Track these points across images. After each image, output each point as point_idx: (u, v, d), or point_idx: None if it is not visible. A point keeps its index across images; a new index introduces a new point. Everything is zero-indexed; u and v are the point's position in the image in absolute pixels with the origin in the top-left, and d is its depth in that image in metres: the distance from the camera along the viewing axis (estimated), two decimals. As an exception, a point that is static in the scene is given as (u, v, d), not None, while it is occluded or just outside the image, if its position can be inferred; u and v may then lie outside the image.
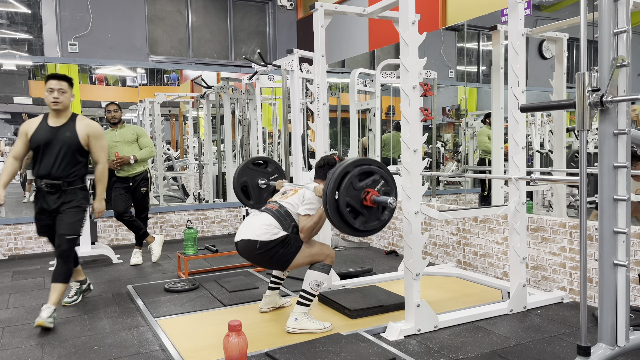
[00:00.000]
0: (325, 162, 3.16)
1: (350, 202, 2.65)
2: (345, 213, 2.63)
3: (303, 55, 5.25)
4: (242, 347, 2.35)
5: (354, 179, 2.65)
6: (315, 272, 2.97)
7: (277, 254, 2.91)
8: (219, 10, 8.88)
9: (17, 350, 2.85)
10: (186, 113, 8.57)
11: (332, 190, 2.61)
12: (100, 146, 3.45)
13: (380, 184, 2.73)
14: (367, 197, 2.68)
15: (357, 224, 2.69)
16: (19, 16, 7.90)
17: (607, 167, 2.06)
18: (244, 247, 2.96)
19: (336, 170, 2.65)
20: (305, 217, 2.97)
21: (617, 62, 2.01)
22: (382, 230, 4.36)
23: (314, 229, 2.97)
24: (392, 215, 2.79)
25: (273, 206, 3.05)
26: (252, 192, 3.78)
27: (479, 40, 6.08)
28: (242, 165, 3.80)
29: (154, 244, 4.99)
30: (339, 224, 2.66)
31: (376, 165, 2.77)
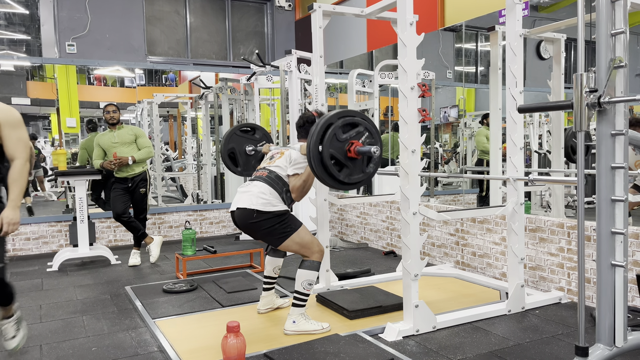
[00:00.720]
0: (305, 120, 3.13)
1: (334, 154, 2.62)
2: (329, 165, 2.60)
3: (301, 56, 5.25)
4: (241, 348, 2.35)
5: (337, 130, 2.62)
6: (304, 271, 2.95)
7: (272, 228, 2.90)
8: (217, 10, 8.87)
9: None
10: (184, 114, 8.56)
11: (315, 143, 2.57)
12: (17, 138, 2.62)
13: (365, 135, 2.69)
14: (351, 149, 2.65)
15: (342, 176, 2.65)
16: (16, 17, 7.89)
17: (604, 167, 2.06)
18: (240, 216, 2.94)
19: (319, 123, 2.62)
20: (294, 176, 2.97)
21: (614, 63, 2.01)
22: (379, 227, 4.36)
23: (304, 188, 2.96)
24: (377, 169, 2.76)
25: (263, 173, 3.04)
26: (240, 159, 3.77)
27: (477, 41, 6.08)
28: (229, 132, 3.79)
29: (153, 245, 4.99)
30: (322, 176, 2.63)
31: (360, 117, 2.74)
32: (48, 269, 4.84)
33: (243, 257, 5.07)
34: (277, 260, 3.30)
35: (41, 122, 9.46)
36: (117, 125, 4.86)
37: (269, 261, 3.30)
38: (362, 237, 5.69)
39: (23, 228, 5.49)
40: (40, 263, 5.09)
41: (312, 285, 2.97)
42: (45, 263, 5.04)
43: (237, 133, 3.78)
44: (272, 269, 3.30)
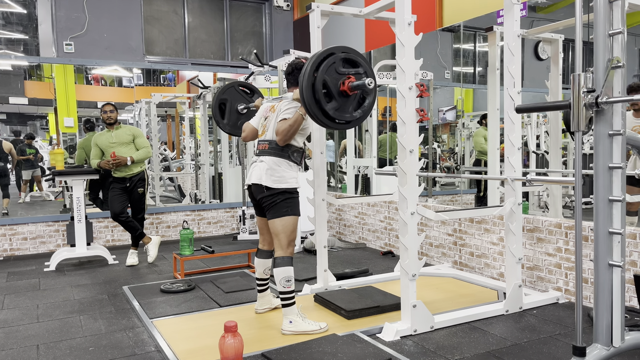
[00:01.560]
0: (294, 67, 3.10)
1: (327, 83, 2.59)
2: (319, 91, 2.57)
3: (299, 55, 5.24)
4: (238, 348, 2.35)
5: (338, 61, 2.60)
6: (279, 269, 2.96)
7: (275, 203, 2.97)
8: (215, 10, 8.87)
9: (12, 351, 2.84)
10: (182, 113, 8.55)
11: (313, 64, 2.53)
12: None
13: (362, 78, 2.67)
14: (345, 82, 2.62)
15: (328, 107, 2.63)
16: (14, 16, 7.87)
17: (602, 168, 2.07)
18: (255, 189, 3.05)
19: (322, 49, 2.60)
20: (282, 121, 2.96)
21: (612, 63, 2.01)
22: (377, 227, 4.36)
23: (289, 132, 2.94)
24: (364, 116, 2.75)
25: (264, 146, 3.06)
26: (229, 114, 3.76)
27: (475, 41, 6.09)
28: (229, 84, 3.79)
29: (151, 245, 4.98)
30: (309, 101, 2.60)
31: (363, 60, 2.72)
32: (45, 268, 4.83)
33: (241, 257, 5.07)
34: (265, 261, 3.29)
35: (39, 121, 9.45)
36: (115, 125, 4.85)
37: (258, 263, 3.29)
38: (360, 237, 5.69)
39: (20, 228, 5.48)
40: (38, 263, 5.08)
41: (291, 282, 2.97)
42: (43, 263, 5.03)
43: (236, 88, 3.77)
44: (262, 271, 3.29)
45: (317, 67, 2.55)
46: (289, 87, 3.15)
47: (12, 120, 9.65)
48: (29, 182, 8.86)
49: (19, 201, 8.40)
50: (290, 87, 3.14)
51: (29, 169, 8.85)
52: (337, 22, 7.23)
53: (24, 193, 8.51)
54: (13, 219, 5.54)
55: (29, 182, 8.86)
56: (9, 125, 9.90)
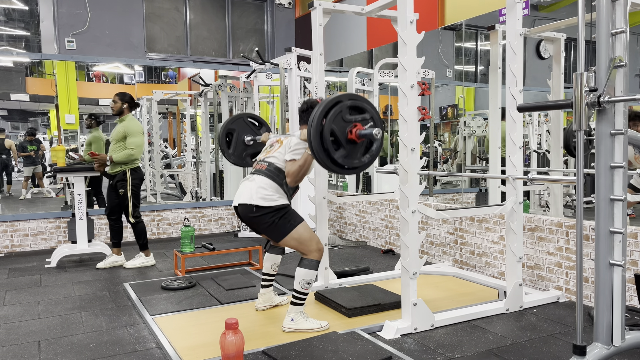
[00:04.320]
0: (309, 106, 3.09)
1: (335, 131, 2.60)
2: (327, 140, 2.57)
3: (301, 53, 5.25)
4: (239, 345, 2.35)
5: (344, 109, 2.60)
6: (303, 270, 2.93)
7: (273, 224, 2.90)
8: (216, 8, 8.86)
9: (13, 347, 2.85)
10: (184, 111, 8.56)
11: (320, 114, 2.55)
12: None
13: (369, 124, 2.68)
14: (352, 130, 2.63)
15: (337, 155, 2.63)
16: (16, 12, 7.88)
17: (603, 167, 2.07)
18: (242, 210, 2.96)
19: (329, 98, 2.61)
20: (291, 162, 2.95)
21: (614, 63, 2.01)
22: (378, 225, 4.37)
23: (299, 173, 2.94)
24: (372, 161, 2.75)
25: (262, 166, 3.03)
26: (235, 144, 3.73)
27: (477, 39, 6.08)
28: (237, 115, 3.77)
29: (141, 258, 4.80)
30: (318, 150, 2.60)
31: (369, 106, 2.73)
32: (46, 265, 4.84)
33: (242, 255, 5.08)
34: (275, 257, 3.30)
35: (40, 118, 9.46)
36: (119, 117, 4.74)
37: (268, 258, 3.30)
38: (361, 235, 5.69)
39: (21, 224, 5.49)
40: (39, 259, 5.09)
41: (311, 285, 2.96)
42: (44, 259, 5.04)
43: (245, 120, 3.76)
44: (270, 266, 3.30)
45: (325, 115, 2.57)
46: (301, 124, 3.13)
47: (13, 117, 9.65)
48: (30, 178, 8.87)
49: (20, 197, 8.41)
50: (302, 125, 3.12)
51: (30, 166, 8.87)
52: (339, 20, 7.22)
53: (25, 190, 8.52)
54: (14, 215, 5.54)
55: (30, 179, 8.87)
56: (10, 121, 9.91)
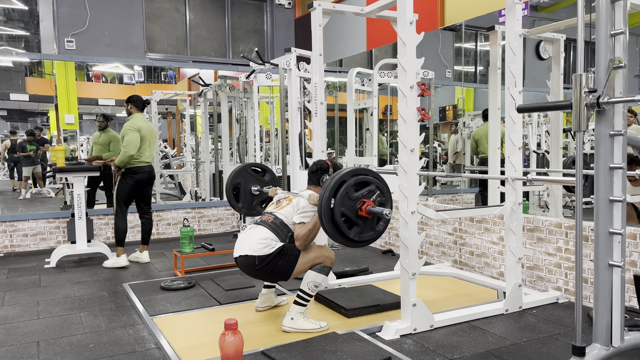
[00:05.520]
0: (318, 168, 3.14)
1: (346, 212, 2.64)
2: (340, 223, 2.62)
3: (301, 54, 5.24)
4: (238, 345, 2.35)
5: (349, 188, 2.65)
6: (313, 272, 2.96)
7: (277, 266, 2.91)
8: (216, 8, 8.86)
9: (12, 347, 2.85)
10: (183, 111, 8.55)
11: (327, 200, 2.60)
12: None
13: (376, 194, 2.72)
14: (362, 208, 2.67)
15: (352, 234, 2.68)
16: (15, 12, 7.87)
17: (603, 168, 2.07)
18: (243, 262, 2.97)
19: (332, 179, 2.64)
20: (300, 225, 2.96)
21: (614, 64, 2.01)
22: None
23: (309, 237, 2.96)
24: (387, 226, 2.78)
25: (268, 218, 3.04)
26: (243, 196, 3.77)
27: (477, 40, 6.09)
28: (240, 168, 3.79)
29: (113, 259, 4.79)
30: (333, 234, 2.65)
31: (372, 176, 2.76)
32: (46, 265, 4.84)
33: (241, 255, 5.07)
34: None
35: (39, 118, 9.45)
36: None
37: None
38: (360, 235, 5.68)
39: (21, 224, 5.48)
40: (38, 259, 5.09)
41: (318, 288, 2.98)
42: (43, 259, 5.03)
43: (248, 170, 3.78)
44: None
45: (333, 196, 2.60)
46: (309, 185, 3.16)
47: (12, 117, 9.66)
48: (29, 178, 8.87)
49: (19, 197, 8.41)
50: (311, 185, 3.15)
51: (30, 166, 8.86)
52: (339, 20, 7.22)
53: (24, 190, 8.52)
54: (14, 215, 5.54)
55: (29, 179, 8.87)
56: (9, 121, 9.91)
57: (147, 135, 4.80)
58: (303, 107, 5.48)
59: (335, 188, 2.62)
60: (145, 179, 4.83)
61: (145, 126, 4.81)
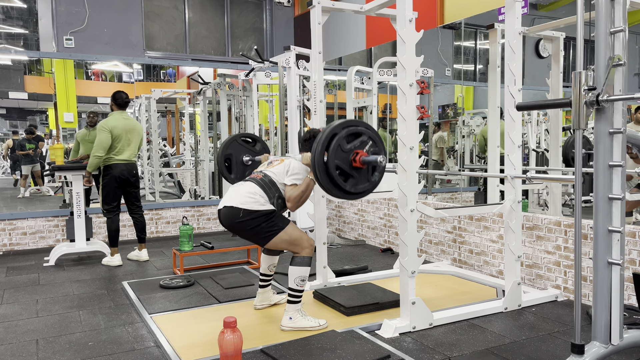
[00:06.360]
0: (311, 135, 3.09)
1: (340, 165, 2.62)
2: (335, 176, 2.60)
3: (300, 52, 5.24)
4: (237, 343, 2.35)
5: (341, 140, 2.62)
6: (296, 267, 2.94)
7: (259, 227, 2.87)
8: (215, 6, 8.85)
9: (11, 345, 2.85)
10: (182, 109, 8.54)
11: (320, 153, 2.57)
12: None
13: (369, 144, 2.70)
14: (356, 159, 2.65)
15: (348, 186, 2.66)
16: (14, 10, 7.86)
17: (602, 166, 2.07)
18: (226, 214, 2.89)
19: (324, 133, 2.61)
20: (292, 186, 2.93)
21: (613, 62, 2.01)
22: (377, 224, 4.34)
23: (301, 198, 2.93)
24: (382, 177, 2.77)
25: (257, 175, 3.01)
26: (235, 167, 3.74)
27: (476, 38, 6.08)
28: (230, 138, 3.76)
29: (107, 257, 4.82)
30: (328, 187, 2.63)
31: (364, 127, 2.74)
32: (45, 263, 4.83)
33: (240, 253, 5.07)
34: (272, 258, 3.30)
35: (38, 116, 9.44)
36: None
37: (265, 259, 3.30)
38: (360, 234, 5.69)
39: (20, 223, 5.48)
40: (37, 258, 5.09)
41: (305, 281, 2.96)
42: (42, 258, 5.03)
43: (238, 141, 3.76)
44: (267, 267, 3.30)
45: (326, 150, 2.58)
46: (302, 152, 3.13)
47: (11, 115, 9.65)
48: (27, 177, 8.86)
49: (18, 196, 8.40)
50: (303, 152, 3.12)
51: (29, 164, 8.85)
52: (338, 18, 7.21)
53: (23, 188, 8.51)
54: (12, 213, 5.53)
55: (27, 177, 8.86)
56: (8, 120, 9.90)
57: (123, 134, 4.68)
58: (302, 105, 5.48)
59: (328, 141, 2.60)
60: (124, 177, 4.70)
61: (121, 124, 4.69)
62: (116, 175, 4.68)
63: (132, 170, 4.79)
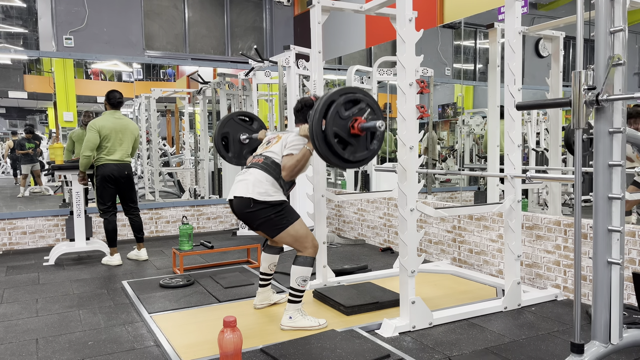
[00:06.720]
0: (303, 105, 3.07)
1: (338, 132, 2.60)
2: (333, 143, 2.58)
3: (300, 51, 5.24)
4: (237, 343, 2.35)
5: (339, 107, 2.60)
6: (298, 267, 2.94)
7: (269, 219, 2.89)
8: (215, 5, 8.85)
9: (11, 345, 2.85)
10: (182, 109, 8.54)
11: (318, 121, 2.54)
12: None
13: (367, 112, 2.67)
14: (354, 125, 2.63)
15: (346, 154, 2.64)
16: (14, 10, 7.86)
17: (602, 165, 2.07)
18: (238, 204, 2.93)
19: (321, 101, 2.59)
20: (288, 156, 2.93)
21: (613, 61, 2.01)
22: (376, 223, 4.34)
23: (296, 167, 2.92)
24: (380, 145, 2.75)
25: (259, 160, 3.02)
26: (232, 146, 3.73)
27: (476, 38, 6.08)
28: (227, 117, 3.76)
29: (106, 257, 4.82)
30: (327, 155, 2.61)
31: (362, 94, 2.72)
32: (44, 263, 4.83)
33: (240, 253, 5.07)
34: (272, 257, 3.30)
35: (38, 116, 9.44)
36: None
37: (265, 258, 3.30)
38: (360, 233, 5.69)
39: (19, 222, 5.48)
40: (37, 257, 5.09)
41: (307, 282, 2.96)
42: (42, 257, 5.03)
43: (235, 119, 3.75)
44: (267, 266, 3.30)
45: (324, 117, 2.56)
46: (297, 123, 3.13)
47: (11, 115, 9.65)
48: (26, 176, 8.86)
49: (18, 195, 8.40)
50: (298, 123, 3.11)
51: (28, 164, 8.86)
52: (338, 17, 7.21)
53: (23, 187, 8.51)
54: (12, 213, 5.53)
55: (27, 176, 8.86)
56: (8, 119, 9.91)
57: (113, 133, 4.62)
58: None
59: (325, 108, 2.57)
60: (115, 177, 4.65)
61: (110, 124, 4.64)
62: (106, 175, 4.63)
63: (124, 170, 4.71)
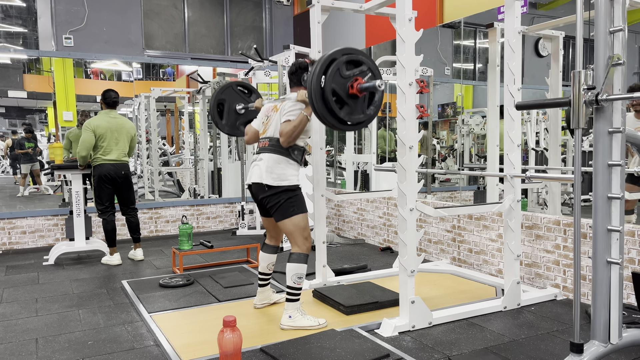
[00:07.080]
0: (297, 67, 3.07)
1: (337, 90, 2.59)
2: (330, 101, 2.57)
3: (299, 51, 5.24)
4: (237, 342, 2.35)
5: (341, 66, 2.60)
6: (293, 264, 2.97)
7: (280, 203, 2.96)
8: (215, 5, 8.85)
9: (10, 344, 2.85)
10: (182, 108, 8.54)
11: (317, 76, 2.53)
12: None
13: (368, 76, 2.67)
14: (353, 85, 2.63)
15: (342, 114, 2.63)
16: (13, 9, 7.85)
17: (601, 165, 2.07)
18: (256, 189, 3.04)
19: (323, 57, 2.59)
20: (285, 122, 2.95)
21: (612, 61, 2.01)
22: (376, 223, 4.34)
23: (293, 133, 2.93)
24: (377, 112, 2.76)
25: (265, 143, 3.07)
26: (227, 114, 3.73)
27: (476, 37, 6.08)
28: (227, 84, 3.76)
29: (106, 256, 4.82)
30: (323, 113, 2.60)
31: (364, 56, 2.72)
32: (44, 262, 4.83)
33: (240, 252, 5.07)
34: (270, 256, 3.30)
35: (37, 115, 9.44)
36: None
37: (263, 257, 3.31)
38: (359, 233, 5.69)
39: (19, 222, 5.48)
40: (37, 257, 5.09)
41: (303, 279, 2.98)
42: (41, 257, 5.03)
43: (234, 88, 3.73)
44: (266, 266, 3.30)
45: (324, 74, 2.55)
46: (292, 87, 3.13)
47: (11, 114, 9.65)
48: (26, 175, 8.86)
49: (17, 195, 8.40)
50: (293, 87, 3.11)
51: (28, 163, 8.86)
52: (338, 17, 7.21)
53: (22, 187, 8.51)
54: (12, 212, 5.53)
55: (27, 176, 8.86)
56: (7, 119, 9.91)
57: (108, 133, 4.61)
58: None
59: (327, 65, 2.57)
60: (111, 177, 4.63)
61: (105, 123, 4.62)
62: (103, 175, 4.62)
63: (121, 170, 4.69)
